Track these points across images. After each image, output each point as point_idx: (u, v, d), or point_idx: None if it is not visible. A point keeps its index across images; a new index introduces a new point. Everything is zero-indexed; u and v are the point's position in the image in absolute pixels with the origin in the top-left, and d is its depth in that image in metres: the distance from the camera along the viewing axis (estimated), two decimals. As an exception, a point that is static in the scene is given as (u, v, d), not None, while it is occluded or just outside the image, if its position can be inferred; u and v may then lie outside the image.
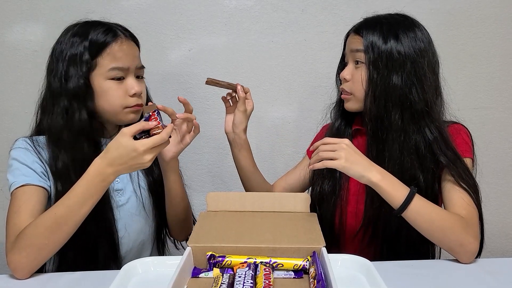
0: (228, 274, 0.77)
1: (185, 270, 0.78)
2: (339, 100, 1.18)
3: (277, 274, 0.80)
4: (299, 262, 0.81)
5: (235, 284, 0.73)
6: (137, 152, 0.87)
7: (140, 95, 1.06)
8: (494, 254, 1.60)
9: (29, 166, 1.01)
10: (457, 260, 0.97)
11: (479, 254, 0.99)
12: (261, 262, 0.80)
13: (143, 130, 0.89)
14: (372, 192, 0.99)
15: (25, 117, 1.48)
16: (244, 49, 1.53)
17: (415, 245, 1.06)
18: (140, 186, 1.13)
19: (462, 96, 1.56)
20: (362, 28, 1.07)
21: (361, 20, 1.10)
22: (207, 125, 1.56)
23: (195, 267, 0.83)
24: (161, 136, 0.89)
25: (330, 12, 1.52)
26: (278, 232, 0.89)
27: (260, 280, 0.74)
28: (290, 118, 1.59)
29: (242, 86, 1.14)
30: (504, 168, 1.63)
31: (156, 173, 1.14)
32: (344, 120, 1.18)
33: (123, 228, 1.09)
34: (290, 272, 0.81)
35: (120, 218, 1.09)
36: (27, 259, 0.90)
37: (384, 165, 1.00)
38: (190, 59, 1.53)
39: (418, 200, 0.94)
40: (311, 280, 0.75)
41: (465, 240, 0.94)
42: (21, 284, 0.90)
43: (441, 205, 1.06)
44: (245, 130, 1.18)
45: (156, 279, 0.85)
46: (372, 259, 0.88)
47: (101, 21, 1.07)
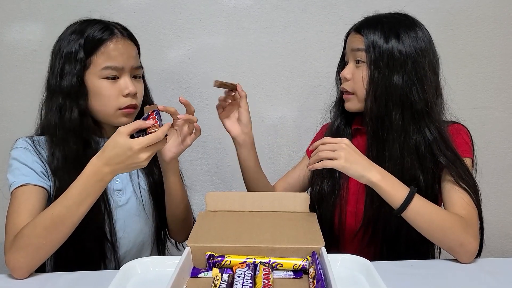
0: (227, 274, 0.77)
1: (184, 270, 0.78)
2: (339, 100, 1.18)
3: (276, 274, 0.80)
4: (299, 262, 0.80)
5: (234, 284, 0.73)
6: (133, 151, 0.86)
7: (135, 96, 1.05)
8: (494, 254, 1.60)
9: (29, 166, 1.01)
10: (457, 260, 0.97)
11: (478, 254, 0.98)
12: (261, 262, 0.80)
13: (140, 129, 0.89)
14: (372, 192, 0.98)
15: (24, 116, 1.50)
16: (244, 49, 1.53)
17: (415, 245, 1.06)
18: (140, 186, 1.12)
19: (462, 95, 1.55)
20: (363, 27, 1.06)
21: (362, 19, 1.10)
22: (207, 125, 1.55)
23: (194, 267, 0.82)
24: (157, 135, 0.88)
25: (330, 11, 1.52)
26: (278, 232, 0.89)
27: (260, 280, 0.74)
28: (289, 117, 1.59)
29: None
30: (504, 168, 1.63)
31: (156, 174, 1.13)
32: (344, 119, 1.18)
33: (122, 228, 1.09)
34: (289, 272, 0.81)
35: (119, 218, 1.09)
36: (25, 259, 0.90)
37: (384, 165, 1.00)
38: (189, 59, 1.53)
39: (418, 200, 0.94)
40: (311, 280, 0.75)
41: (465, 240, 0.94)
42: (20, 283, 0.90)
43: (441, 205, 1.06)
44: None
45: (155, 279, 0.85)
46: (372, 259, 0.88)
47: (101, 19, 1.07)
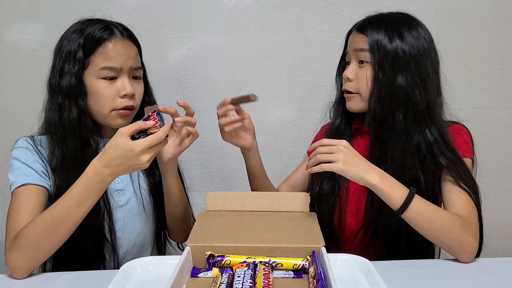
0: (227, 274, 0.77)
1: (184, 270, 0.78)
2: (339, 99, 1.17)
3: (276, 273, 0.80)
4: (299, 262, 0.80)
5: (234, 283, 0.73)
6: (134, 152, 0.86)
7: (133, 97, 1.05)
8: (493, 254, 1.59)
9: (29, 165, 1.01)
10: (457, 260, 0.97)
11: (478, 254, 0.98)
12: (261, 262, 0.80)
13: (141, 130, 0.88)
14: (372, 193, 0.98)
15: (24, 116, 1.50)
16: (244, 48, 1.53)
17: (415, 245, 1.05)
18: (140, 187, 1.12)
19: (462, 95, 1.55)
20: (366, 26, 1.05)
21: (364, 18, 1.08)
22: (207, 125, 1.55)
23: (194, 267, 0.82)
24: (158, 135, 0.87)
25: (330, 11, 1.52)
26: (278, 231, 0.89)
27: (260, 280, 0.74)
28: (289, 117, 1.59)
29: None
30: (504, 168, 1.63)
31: (157, 175, 1.13)
32: (344, 119, 1.17)
33: (122, 229, 1.09)
34: (289, 271, 0.81)
35: (119, 219, 1.09)
36: (24, 259, 0.90)
37: (386, 166, 1.00)
38: (189, 58, 1.53)
39: (417, 201, 0.94)
40: (311, 279, 0.75)
41: (465, 240, 0.94)
42: (20, 283, 0.90)
43: (441, 205, 1.06)
44: None
45: (155, 279, 0.85)
46: (372, 258, 0.88)
47: (103, 19, 1.07)
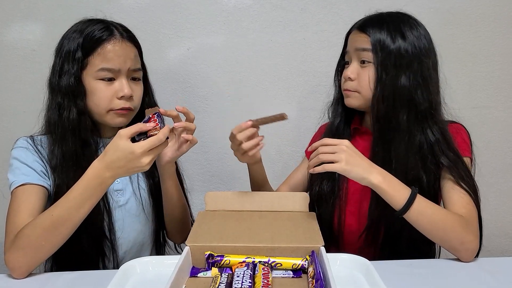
0: (227, 274, 0.77)
1: (183, 270, 0.78)
2: (338, 99, 1.16)
3: (275, 273, 0.80)
4: (298, 262, 0.81)
5: (233, 283, 0.73)
6: (134, 154, 0.85)
7: (130, 98, 1.04)
8: (493, 254, 1.60)
9: (29, 165, 1.01)
10: (456, 260, 0.97)
11: (477, 254, 0.98)
12: (260, 262, 0.80)
13: (141, 132, 0.88)
14: (376, 194, 0.97)
15: (24, 116, 1.49)
16: (243, 48, 1.53)
17: (416, 245, 1.05)
18: (140, 187, 1.12)
19: (462, 95, 1.55)
20: (368, 25, 1.04)
21: (364, 17, 1.07)
22: (207, 125, 1.55)
23: (193, 267, 0.83)
24: (158, 137, 0.87)
25: (330, 11, 1.52)
26: (277, 231, 0.89)
27: (259, 280, 0.74)
28: (289, 117, 1.58)
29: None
30: (504, 168, 1.63)
31: (157, 176, 1.13)
32: (343, 119, 1.17)
33: (121, 228, 1.09)
34: (288, 271, 0.81)
35: (119, 218, 1.09)
36: (24, 259, 0.90)
37: (390, 166, 0.99)
38: (189, 58, 1.53)
39: (420, 200, 0.94)
40: (310, 279, 0.75)
41: (466, 239, 0.94)
42: (20, 283, 0.90)
43: (440, 204, 1.06)
44: None
45: (155, 279, 0.85)
46: (372, 258, 0.88)
47: (104, 19, 1.06)
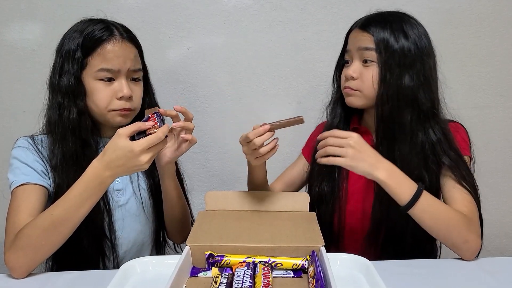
0: (227, 274, 0.77)
1: (183, 270, 0.78)
2: (337, 98, 1.16)
3: (276, 273, 0.80)
4: (298, 262, 0.80)
5: (234, 283, 0.73)
6: (134, 153, 0.85)
7: (130, 99, 1.04)
8: (493, 254, 1.60)
9: (29, 165, 1.00)
10: (456, 259, 0.97)
11: (477, 254, 0.98)
12: (260, 262, 0.80)
13: (140, 130, 0.88)
14: (379, 194, 0.97)
15: (24, 116, 1.49)
16: (243, 48, 1.53)
17: (420, 243, 1.05)
18: (140, 187, 1.12)
19: (461, 95, 1.55)
20: (370, 24, 1.02)
21: (365, 16, 1.07)
22: (207, 125, 1.55)
23: (193, 267, 0.82)
24: (157, 135, 0.87)
25: (329, 11, 1.52)
26: (277, 231, 0.89)
27: (259, 280, 0.74)
28: (289, 117, 1.58)
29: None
30: (503, 168, 1.63)
31: (157, 176, 1.12)
32: (343, 119, 1.16)
33: (122, 228, 1.09)
34: (289, 271, 0.81)
35: (119, 218, 1.09)
36: (24, 259, 0.90)
37: (395, 165, 0.99)
38: (188, 58, 1.53)
39: (425, 197, 0.94)
40: (310, 279, 0.75)
41: (469, 237, 0.94)
42: (20, 283, 0.90)
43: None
44: None
45: (155, 279, 0.85)
46: (372, 258, 0.88)
47: (104, 19, 1.06)
